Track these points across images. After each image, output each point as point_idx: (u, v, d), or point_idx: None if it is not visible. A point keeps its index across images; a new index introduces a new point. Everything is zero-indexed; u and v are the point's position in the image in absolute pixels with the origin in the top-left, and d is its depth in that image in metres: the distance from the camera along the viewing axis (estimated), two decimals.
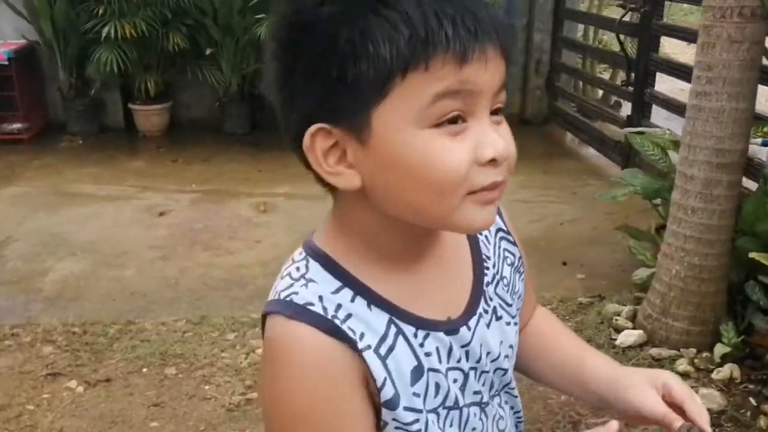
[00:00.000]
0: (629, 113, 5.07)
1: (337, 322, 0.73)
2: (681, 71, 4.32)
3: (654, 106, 4.81)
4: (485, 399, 0.86)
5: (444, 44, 0.65)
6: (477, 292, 0.84)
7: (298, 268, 0.78)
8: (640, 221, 3.89)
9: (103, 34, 5.25)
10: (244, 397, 2.62)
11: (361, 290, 0.76)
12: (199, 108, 6.14)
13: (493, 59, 0.68)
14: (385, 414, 0.76)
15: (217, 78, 5.80)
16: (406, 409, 0.76)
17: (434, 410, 0.79)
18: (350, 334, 0.73)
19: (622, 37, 5.09)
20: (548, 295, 3.34)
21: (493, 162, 0.70)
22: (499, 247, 0.90)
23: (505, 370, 0.88)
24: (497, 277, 0.88)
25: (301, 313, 0.73)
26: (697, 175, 2.70)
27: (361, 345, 0.73)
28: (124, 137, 5.92)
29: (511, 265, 0.91)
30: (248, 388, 2.67)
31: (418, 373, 0.77)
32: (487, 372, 0.85)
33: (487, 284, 0.86)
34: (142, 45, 5.51)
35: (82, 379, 2.70)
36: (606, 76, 6.84)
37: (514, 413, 0.93)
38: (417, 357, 0.77)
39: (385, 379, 0.74)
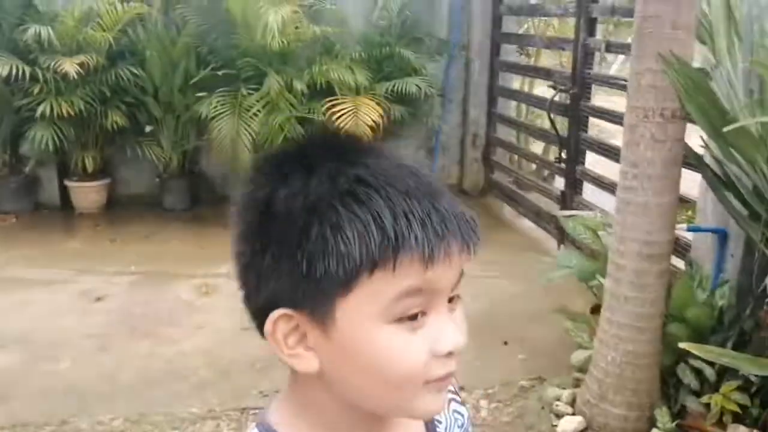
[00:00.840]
0: (562, 189, 5.26)
1: None
2: (610, 151, 4.54)
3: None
4: None
5: (412, 247, 0.67)
6: None
7: None
8: (577, 299, 4.01)
9: (38, 112, 5.19)
10: None
11: None
12: (138, 184, 6.09)
13: (456, 256, 0.69)
14: None
15: (157, 154, 5.78)
16: None
17: None
18: None
19: (553, 115, 5.31)
20: (491, 376, 3.38)
21: (449, 354, 0.71)
22: (450, 411, 0.91)
23: None
24: None
25: None
26: (628, 266, 2.81)
27: None
28: (59, 215, 5.80)
29: (461, 426, 0.92)
30: None
31: None
32: None
33: None
34: (79, 123, 5.47)
35: None
36: (539, 147, 7.09)
37: None
38: None
39: None
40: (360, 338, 0.69)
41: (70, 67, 5.08)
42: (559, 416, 3.03)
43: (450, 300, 0.73)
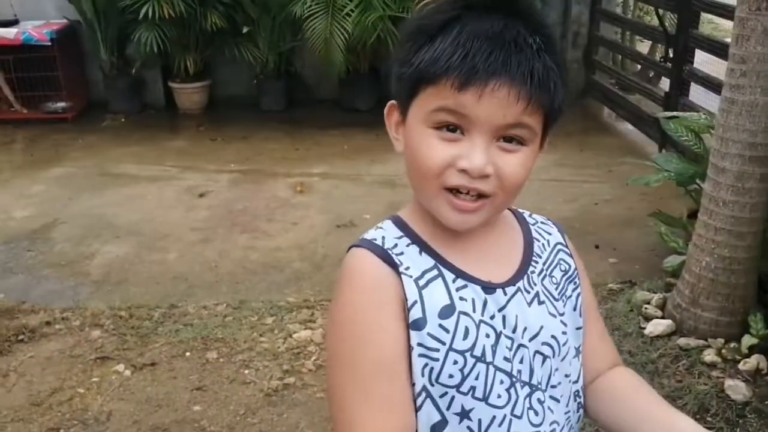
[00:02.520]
0: (667, 90, 5.01)
1: (389, 252, 0.92)
2: (721, 50, 4.25)
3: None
4: (520, 377, 0.93)
5: (449, 71, 0.84)
6: (521, 272, 0.98)
7: (378, 225, 0.99)
8: (674, 204, 3.89)
9: (141, 14, 5.34)
10: (282, 382, 2.74)
11: (417, 241, 0.95)
12: (236, 86, 6.23)
13: (492, 96, 0.84)
14: (413, 336, 0.89)
15: (254, 56, 5.87)
16: (431, 335, 0.89)
17: (461, 353, 0.90)
18: (397, 261, 0.92)
19: (661, 12, 5.00)
20: None
21: (465, 171, 0.87)
22: (555, 255, 1.03)
23: (546, 358, 0.96)
24: (545, 272, 1.00)
25: (365, 243, 0.95)
26: (730, 168, 2.69)
27: (402, 269, 0.91)
28: (164, 115, 6.06)
29: (564, 272, 1.03)
30: (285, 372, 2.79)
31: (449, 310, 0.90)
32: (525, 348, 0.94)
33: (533, 272, 0.99)
34: (180, 24, 5.59)
35: (129, 363, 2.85)
36: (646, 48, 6.73)
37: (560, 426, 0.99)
38: (451, 297, 0.91)
39: (415, 302, 0.89)
40: (411, 131, 0.91)
41: None
42: (647, 319, 3.01)
43: (507, 140, 0.88)
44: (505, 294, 0.94)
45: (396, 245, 0.94)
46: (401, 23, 5.38)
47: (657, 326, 2.92)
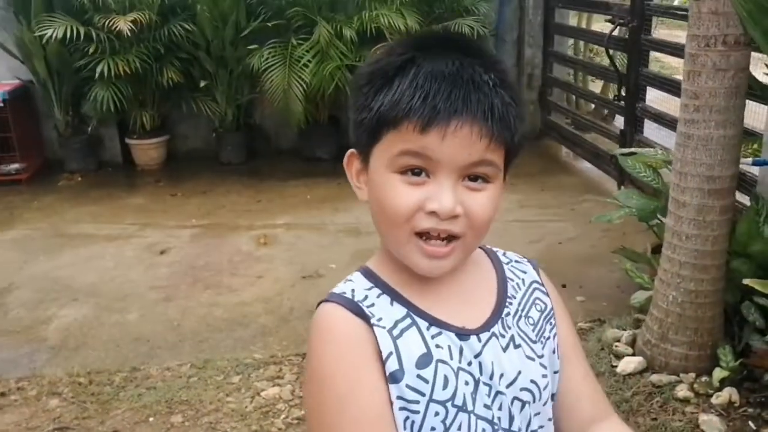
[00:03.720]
0: (622, 127, 5.11)
1: (360, 305, 0.91)
2: (672, 86, 4.36)
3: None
4: (500, 423, 0.91)
5: (411, 114, 0.84)
6: (495, 316, 0.96)
7: (347, 278, 0.97)
8: (637, 240, 3.92)
9: (97, 72, 5.29)
10: None
11: (387, 291, 0.93)
12: (195, 139, 6.20)
13: (455, 136, 0.83)
14: (392, 390, 0.87)
15: (213, 109, 5.85)
16: (409, 387, 0.87)
17: (442, 403, 0.88)
18: (368, 313, 0.90)
19: (611, 51, 5.13)
20: None
21: (434, 214, 0.86)
22: (531, 295, 1.02)
23: (526, 404, 0.93)
24: (520, 313, 0.98)
25: (335, 297, 0.92)
26: (690, 202, 2.72)
27: (374, 321, 0.89)
28: (122, 172, 5.97)
29: (541, 311, 1.01)
30: None
31: (426, 358, 0.89)
32: (503, 395, 0.91)
33: (507, 314, 0.97)
34: (136, 81, 5.56)
35: None
36: (598, 87, 6.88)
37: None
38: (427, 345, 0.89)
39: (390, 353, 0.88)
40: (375, 178, 0.90)
41: (123, 24, 5.15)
42: (618, 357, 3.00)
43: (472, 179, 0.87)
44: (480, 340, 0.93)
45: (366, 297, 0.92)
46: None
47: (628, 364, 2.91)
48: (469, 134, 0.84)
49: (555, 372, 0.99)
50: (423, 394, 0.87)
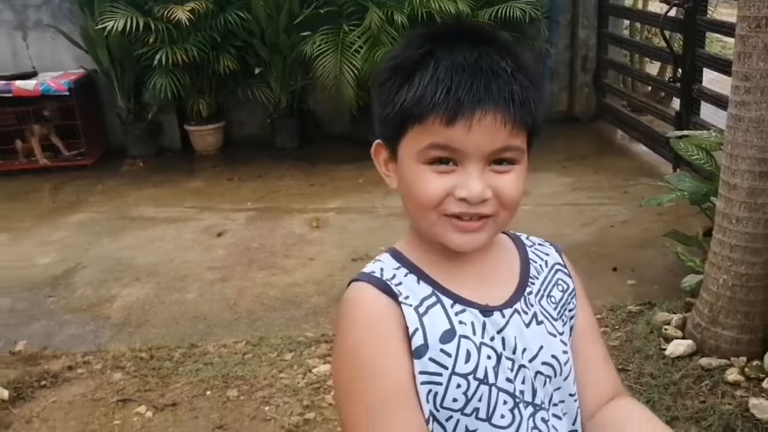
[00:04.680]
0: (678, 110, 5.02)
1: (388, 283, 0.95)
2: (728, 67, 4.25)
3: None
4: (523, 397, 0.95)
5: (436, 108, 0.87)
6: (518, 294, 0.99)
7: (376, 258, 1.02)
8: (690, 223, 3.87)
9: (156, 61, 5.47)
10: (302, 417, 2.74)
11: (414, 270, 0.97)
12: (251, 126, 6.34)
13: (479, 125, 0.86)
14: (416, 365, 0.91)
15: (267, 95, 5.97)
16: (433, 360, 0.91)
17: (464, 376, 0.91)
18: (396, 291, 0.94)
19: (667, 33, 5.03)
20: (599, 303, 3.35)
21: (464, 200, 0.89)
22: (553, 275, 1.05)
23: (547, 378, 0.97)
24: (543, 292, 1.02)
25: (364, 276, 0.97)
26: (741, 185, 2.68)
27: (401, 299, 0.93)
28: (181, 158, 6.16)
29: (563, 291, 1.05)
30: (305, 408, 2.79)
31: (449, 334, 0.92)
32: (525, 368, 0.95)
33: (529, 293, 1.00)
34: (194, 69, 5.72)
35: (150, 404, 2.86)
36: (655, 69, 6.75)
37: None
38: (450, 322, 0.93)
39: (416, 329, 0.92)
40: (404, 169, 0.93)
41: (182, 14, 5.30)
42: (668, 340, 2.98)
43: (498, 162, 0.90)
44: (503, 316, 0.96)
45: (394, 276, 0.96)
46: None
47: (678, 347, 2.89)
48: (492, 122, 0.87)
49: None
50: (446, 368, 0.91)
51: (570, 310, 1.04)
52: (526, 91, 0.89)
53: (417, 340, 0.91)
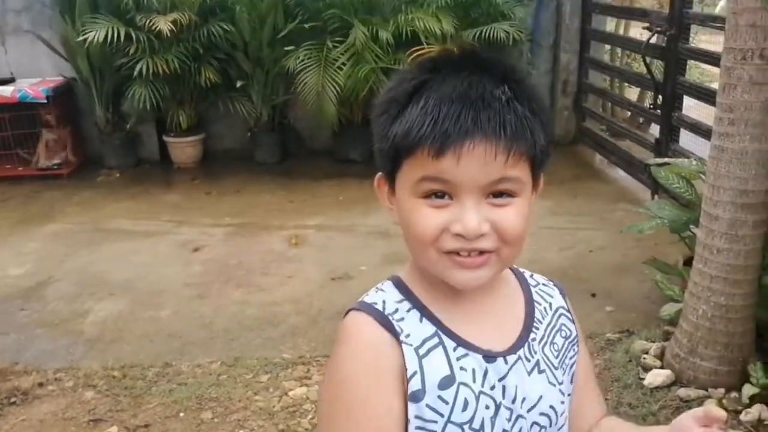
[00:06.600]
0: (657, 136, 5.06)
1: (390, 318, 0.92)
2: (709, 96, 4.31)
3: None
4: None
5: (423, 141, 0.84)
6: (522, 340, 0.97)
7: (378, 286, 0.99)
8: (669, 251, 3.89)
9: (136, 71, 5.41)
10: None
11: (418, 306, 0.94)
12: (231, 139, 6.29)
13: (469, 157, 0.83)
14: (410, 409, 0.88)
15: (248, 109, 5.93)
16: (429, 407, 0.88)
17: (459, 425, 0.89)
18: (397, 329, 0.91)
19: (648, 59, 5.08)
20: None
21: (460, 236, 0.86)
22: (557, 320, 1.03)
23: (543, 429, 0.95)
24: (546, 339, 1.00)
25: (366, 307, 0.93)
26: (722, 215, 2.70)
27: (402, 338, 0.90)
28: (159, 170, 6.08)
29: (566, 338, 1.02)
30: None
31: (448, 381, 0.89)
32: (523, 418, 0.93)
33: (533, 339, 0.98)
34: (174, 80, 5.66)
35: (122, 425, 2.79)
36: (634, 93, 6.82)
37: None
38: (451, 367, 0.90)
39: (415, 372, 0.89)
40: (401, 203, 0.91)
41: (163, 24, 5.25)
42: (646, 369, 2.98)
43: (497, 195, 0.87)
44: (506, 363, 0.94)
45: (397, 310, 0.93)
46: (393, 74, 5.45)
47: (656, 377, 2.89)
48: (483, 154, 0.83)
49: (569, 395, 1.01)
50: (441, 415, 0.89)
51: (571, 358, 1.02)
52: (522, 120, 0.85)
53: (414, 384, 0.89)
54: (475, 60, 0.90)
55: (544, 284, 1.06)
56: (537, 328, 0.99)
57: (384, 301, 0.94)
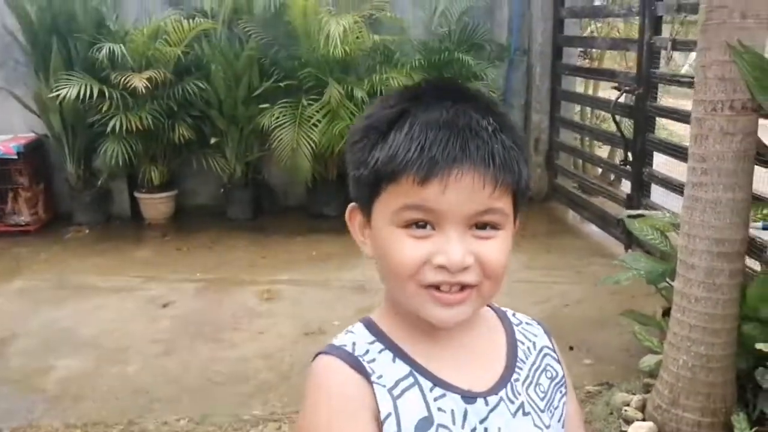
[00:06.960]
0: (629, 192, 5.12)
1: (360, 359, 0.87)
2: (678, 152, 4.39)
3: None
4: None
5: (409, 166, 0.80)
6: (504, 380, 0.91)
7: (348, 329, 0.93)
8: (644, 303, 3.88)
9: (109, 128, 5.37)
10: None
11: (390, 347, 0.89)
12: (203, 195, 6.24)
13: (456, 185, 0.80)
14: None
15: (222, 165, 5.90)
16: None
17: None
18: (368, 370, 0.86)
19: (618, 117, 5.18)
20: None
21: (443, 268, 0.82)
22: (541, 360, 0.97)
23: None
24: (530, 380, 0.94)
25: (334, 350, 0.88)
26: (699, 264, 2.70)
27: (374, 378, 0.85)
28: (129, 226, 5.99)
29: (551, 378, 0.97)
30: None
31: (426, 423, 0.84)
32: None
33: (516, 380, 0.92)
34: (147, 136, 5.63)
35: None
36: (605, 150, 6.94)
37: None
38: (428, 408, 0.85)
39: (389, 415, 0.83)
40: (378, 233, 0.86)
41: (138, 82, 5.25)
42: (628, 422, 2.92)
43: (480, 227, 0.83)
44: (487, 404, 0.88)
45: (367, 351, 0.88)
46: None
47: (638, 429, 2.83)
48: (470, 183, 0.81)
49: None
50: None
51: (559, 400, 0.96)
52: (510, 152, 0.83)
53: (389, 427, 0.83)
54: (457, 90, 0.88)
55: (527, 323, 1.01)
56: (520, 368, 0.94)
57: (354, 343, 0.89)
